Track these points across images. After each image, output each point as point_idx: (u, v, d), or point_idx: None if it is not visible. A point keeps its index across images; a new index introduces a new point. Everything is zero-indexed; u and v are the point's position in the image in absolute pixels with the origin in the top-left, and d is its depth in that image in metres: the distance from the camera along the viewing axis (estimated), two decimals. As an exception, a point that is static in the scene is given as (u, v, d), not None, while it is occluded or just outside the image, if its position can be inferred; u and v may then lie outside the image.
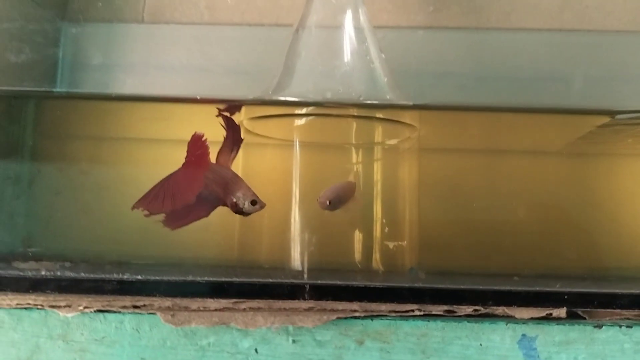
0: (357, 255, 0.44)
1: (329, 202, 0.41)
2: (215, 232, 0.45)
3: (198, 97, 0.42)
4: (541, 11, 0.61)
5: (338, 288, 0.37)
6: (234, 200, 0.40)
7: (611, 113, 0.41)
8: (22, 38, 0.50)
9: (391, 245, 0.45)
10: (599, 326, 0.36)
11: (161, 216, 0.39)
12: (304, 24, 0.49)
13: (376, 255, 0.45)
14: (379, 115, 0.46)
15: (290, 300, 0.37)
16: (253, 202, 0.40)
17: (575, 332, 0.36)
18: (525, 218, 0.45)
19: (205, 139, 0.41)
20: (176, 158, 0.48)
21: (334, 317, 0.36)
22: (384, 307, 0.36)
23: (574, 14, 0.62)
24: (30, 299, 0.37)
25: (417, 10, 0.61)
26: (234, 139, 0.43)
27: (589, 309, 0.37)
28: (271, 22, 0.61)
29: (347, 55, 0.49)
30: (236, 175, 0.42)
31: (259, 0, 0.62)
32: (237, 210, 0.41)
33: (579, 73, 0.58)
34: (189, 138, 0.48)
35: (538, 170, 0.47)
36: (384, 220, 0.46)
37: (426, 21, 0.61)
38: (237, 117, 0.45)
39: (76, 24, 0.60)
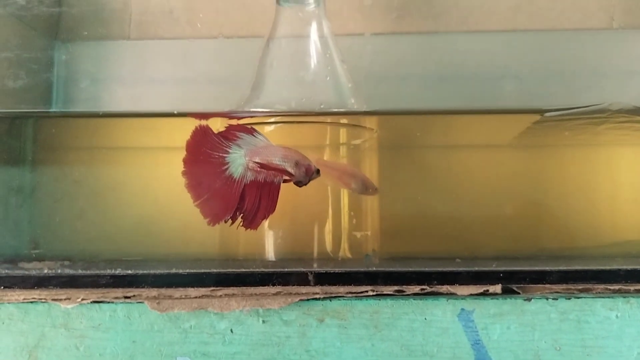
0: (323, 245, 0.49)
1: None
2: (196, 229, 0.50)
3: (175, 112, 0.47)
4: (496, 14, 0.66)
5: (302, 274, 0.43)
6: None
7: (540, 112, 0.46)
8: (19, 64, 0.56)
9: (358, 235, 0.50)
10: (529, 299, 0.41)
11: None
12: (273, 36, 0.54)
13: (344, 245, 0.50)
14: (342, 120, 0.52)
15: (260, 287, 0.42)
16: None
17: (508, 305, 0.41)
18: (469, 206, 0.50)
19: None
20: (164, 163, 0.54)
21: (297, 299, 0.41)
22: (342, 289, 0.42)
23: (527, 16, 0.66)
24: (35, 294, 0.42)
25: (382, 17, 0.66)
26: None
27: (521, 285, 0.42)
28: (248, 34, 0.66)
29: (312, 65, 0.53)
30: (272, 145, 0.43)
31: (236, 14, 0.67)
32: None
33: (532, 71, 0.63)
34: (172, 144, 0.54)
35: (484, 164, 0.52)
36: (352, 213, 0.51)
37: (390, 27, 0.66)
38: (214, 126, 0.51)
39: (68, 42, 0.65)
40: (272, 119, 0.51)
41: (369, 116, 0.51)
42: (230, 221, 0.42)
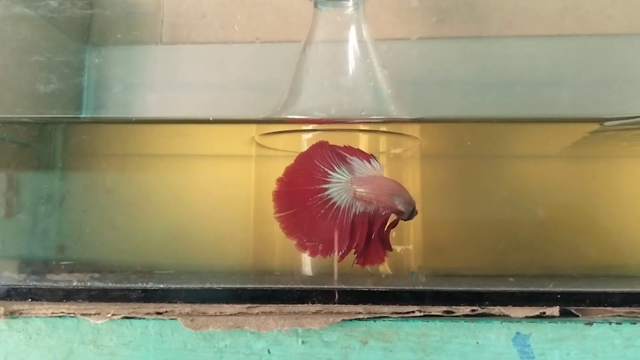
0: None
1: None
2: (230, 241, 0.48)
3: (211, 119, 0.45)
4: (542, 18, 0.63)
5: (343, 292, 0.40)
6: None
7: (600, 120, 0.43)
8: (50, 68, 0.54)
9: (399, 249, 0.47)
10: (590, 323, 0.38)
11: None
12: (310, 40, 0.52)
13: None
14: (382, 128, 0.49)
15: (299, 305, 0.40)
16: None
17: (568, 330, 0.38)
18: (522, 221, 0.47)
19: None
20: (194, 172, 0.52)
21: (340, 319, 0.39)
22: (386, 309, 0.39)
23: (574, 19, 0.63)
24: (63, 307, 0.40)
25: (421, 21, 0.64)
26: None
27: (581, 307, 0.39)
28: (281, 38, 0.64)
29: (351, 71, 0.51)
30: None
31: (269, 18, 0.65)
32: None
33: (580, 77, 0.60)
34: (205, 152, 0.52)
35: (534, 174, 0.49)
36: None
37: (430, 32, 0.63)
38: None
39: (99, 47, 0.64)
40: (310, 127, 0.49)
41: (412, 124, 0.48)
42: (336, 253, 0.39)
